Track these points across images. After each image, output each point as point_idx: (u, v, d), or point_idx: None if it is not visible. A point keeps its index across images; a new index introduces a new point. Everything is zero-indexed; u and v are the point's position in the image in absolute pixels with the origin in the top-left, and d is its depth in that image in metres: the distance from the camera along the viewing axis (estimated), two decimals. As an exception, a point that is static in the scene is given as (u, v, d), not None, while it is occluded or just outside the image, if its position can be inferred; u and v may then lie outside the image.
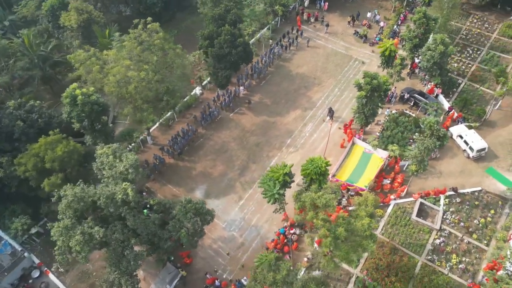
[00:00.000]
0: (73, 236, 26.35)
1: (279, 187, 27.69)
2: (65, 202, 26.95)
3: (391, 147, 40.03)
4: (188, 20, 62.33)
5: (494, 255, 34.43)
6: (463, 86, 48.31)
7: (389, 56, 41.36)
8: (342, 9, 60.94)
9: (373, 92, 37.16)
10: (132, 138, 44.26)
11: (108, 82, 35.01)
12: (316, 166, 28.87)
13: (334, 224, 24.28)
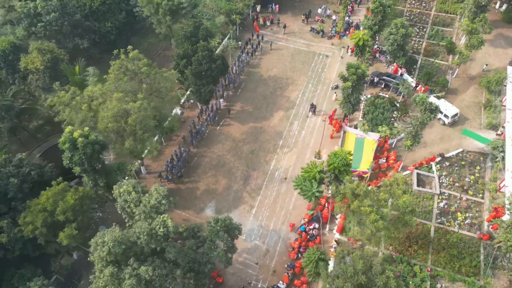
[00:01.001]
0: (122, 281, 25.22)
1: (317, 186, 28.72)
2: (105, 249, 25.66)
3: (381, 128, 42.94)
4: (145, 43, 60.97)
5: (492, 205, 38.55)
6: (421, 62, 52.95)
7: (363, 46, 44.20)
8: (292, 9, 63.43)
9: (359, 81, 39.62)
10: (125, 171, 42.63)
11: (104, 118, 33.57)
12: (341, 158, 30.36)
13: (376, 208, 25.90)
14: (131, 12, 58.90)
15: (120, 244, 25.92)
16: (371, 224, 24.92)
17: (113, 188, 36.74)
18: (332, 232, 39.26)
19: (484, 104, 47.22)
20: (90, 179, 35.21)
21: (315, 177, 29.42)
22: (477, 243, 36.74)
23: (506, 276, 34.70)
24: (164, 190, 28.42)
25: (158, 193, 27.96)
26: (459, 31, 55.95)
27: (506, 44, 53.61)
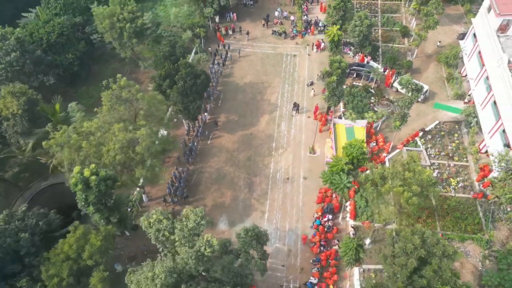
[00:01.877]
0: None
1: (346, 177, 30.09)
2: (158, 281, 24.97)
3: (367, 115, 45.62)
4: (108, 70, 58.83)
5: (477, 166, 42.71)
6: (382, 49, 56.80)
7: (338, 41, 46.61)
8: (249, 16, 64.70)
9: (343, 74, 41.86)
10: (128, 202, 41.21)
11: (110, 151, 32.34)
12: (358, 148, 32.06)
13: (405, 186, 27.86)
14: (89, 40, 56.83)
15: (171, 273, 25.36)
16: (405, 202, 26.86)
17: (125, 223, 35.64)
18: (345, 219, 41.08)
19: (446, 77, 51.91)
20: (102, 217, 33.69)
21: (343, 169, 30.89)
22: (473, 203, 40.47)
23: (505, 226, 38.66)
24: (201, 211, 28.21)
25: (196, 214, 27.69)
26: (407, 15, 60.84)
27: (450, 21, 59.21)
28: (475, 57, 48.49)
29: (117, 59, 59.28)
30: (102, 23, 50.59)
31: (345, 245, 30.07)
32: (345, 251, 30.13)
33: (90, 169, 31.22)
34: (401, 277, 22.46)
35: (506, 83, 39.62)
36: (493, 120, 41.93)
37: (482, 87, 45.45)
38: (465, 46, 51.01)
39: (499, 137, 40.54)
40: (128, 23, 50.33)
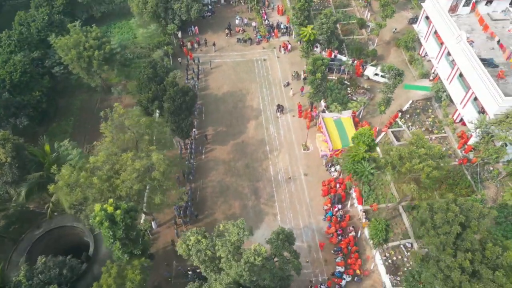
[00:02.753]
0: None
1: (368, 165, 31.75)
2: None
3: (351, 105, 48.16)
4: (76, 102, 56.13)
5: (455, 134, 46.90)
6: (344, 42, 60.00)
7: (314, 40, 48.58)
8: (210, 27, 65.03)
9: (326, 71, 43.91)
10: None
11: (126, 182, 31.31)
12: (368, 136, 33.99)
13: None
14: (50, 74, 53.98)
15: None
16: (426, 177, 29.16)
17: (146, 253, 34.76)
18: (354, 206, 43.11)
19: (409, 60, 56.18)
20: (127, 251, 32.50)
21: (364, 158, 32.58)
22: (460, 168, 44.41)
23: (492, 184, 42.88)
24: (242, 222, 28.38)
25: (238, 227, 27.83)
26: (358, 8, 64.87)
27: (399, 8, 63.69)
28: (431, 38, 53.06)
29: (84, 90, 56.95)
30: (67, 54, 48.44)
31: (374, 227, 31.86)
32: (375, 233, 31.89)
33: (109, 204, 30.14)
34: (448, 244, 24.49)
35: (469, 56, 43.94)
36: (462, 91, 46.27)
37: (445, 64, 49.90)
38: (420, 29, 55.55)
39: (472, 106, 44.85)
40: (96, 50, 48.69)
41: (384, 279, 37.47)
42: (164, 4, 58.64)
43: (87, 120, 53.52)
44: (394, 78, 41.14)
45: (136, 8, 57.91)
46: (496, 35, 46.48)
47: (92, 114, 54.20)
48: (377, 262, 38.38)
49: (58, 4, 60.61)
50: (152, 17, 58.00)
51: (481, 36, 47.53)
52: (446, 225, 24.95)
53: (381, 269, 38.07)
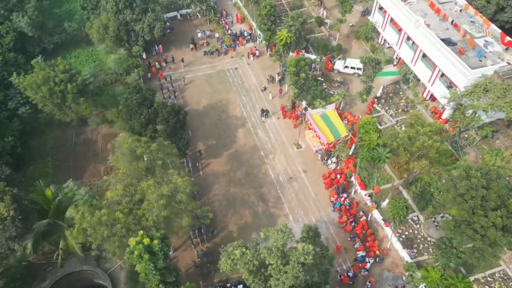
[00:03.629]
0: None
1: (383, 150, 33.73)
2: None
3: (334, 98, 50.58)
4: (50, 141, 52.69)
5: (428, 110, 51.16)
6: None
7: (290, 43, 50.19)
8: (172, 44, 64.35)
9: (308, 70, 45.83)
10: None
11: (153, 209, 30.49)
12: (372, 124, 36.13)
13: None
14: (16, 115, 50.44)
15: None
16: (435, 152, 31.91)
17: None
18: (357, 192, 45.38)
19: (371, 49, 60.09)
20: (164, 280, 31.66)
21: (378, 144, 34.55)
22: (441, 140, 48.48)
23: (470, 149, 47.45)
24: (285, 227, 28.95)
25: (283, 231, 28.41)
26: (312, 7, 68.03)
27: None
28: (389, 27, 57.30)
29: (54, 127, 53.83)
30: (37, 92, 45.69)
31: (394, 207, 34.07)
32: (397, 212, 34.10)
33: (140, 236, 29.31)
34: (476, 207, 27.11)
35: (430, 38, 48.24)
36: (428, 71, 50.60)
37: (406, 48, 54.20)
38: (376, 20, 59.69)
39: (440, 82, 49.24)
40: (68, 83, 46.45)
41: (402, 254, 39.97)
42: (125, 27, 57.31)
43: (66, 158, 50.73)
44: (374, 68, 44.02)
45: (97, 34, 55.89)
46: (448, 17, 51.44)
47: (70, 151, 51.55)
48: (392, 240, 40.78)
49: (7, 41, 56.67)
50: (115, 41, 56.33)
51: (435, 19, 52.30)
52: (471, 191, 27.65)
53: (397, 245, 40.56)
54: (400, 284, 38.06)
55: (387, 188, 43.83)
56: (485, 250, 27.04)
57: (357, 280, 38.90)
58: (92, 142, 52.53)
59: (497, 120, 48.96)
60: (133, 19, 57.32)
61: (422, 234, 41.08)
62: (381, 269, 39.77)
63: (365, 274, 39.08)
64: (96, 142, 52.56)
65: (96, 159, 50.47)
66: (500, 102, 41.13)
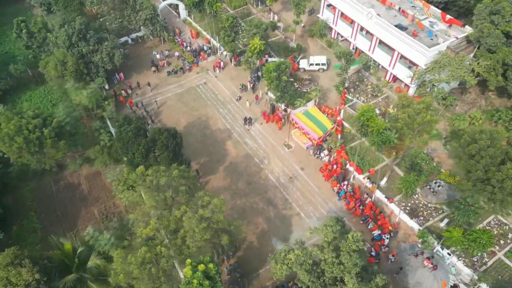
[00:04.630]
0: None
1: (391, 133, 36.41)
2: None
3: (312, 95, 53.10)
4: (26, 193, 48.34)
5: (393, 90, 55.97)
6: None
7: (260, 51, 51.51)
8: (132, 69, 62.29)
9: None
10: None
11: (195, 235, 29.99)
12: (370, 111, 38.86)
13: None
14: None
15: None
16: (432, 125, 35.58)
17: None
18: (355, 178, 48.23)
19: (327, 45, 63.84)
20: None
21: (386, 127, 37.15)
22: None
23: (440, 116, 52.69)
24: (332, 220, 30.21)
25: (330, 225, 29.68)
26: (261, 13, 70.37)
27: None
28: (340, 22, 61.41)
29: (29, 178, 49.71)
30: (12, 144, 42.10)
31: (405, 181, 37.17)
32: (409, 186, 37.20)
33: (189, 263, 28.88)
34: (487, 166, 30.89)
35: (385, 26, 52.88)
36: (387, 56, 55.31)
37: (362, 38, 58.61)
38: (326, 17, 63.54)
39: (400, 64, 54.09)
40: (43, 128, 43.41)
41: (411, 224, 43.47)
42: (83, 59, 54.58)
43: (51, 209, 47.24)
44: (347, 61, 47.25)
45: (54, 72, 52.40)
46: (395, 5, 56.72)
47: (52, 200, 48.11)
48: (398, 214, 44.12)
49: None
50: (75, 76, 53.33)
51: (382, 8, 57.31)
52: (481, 151, 31.44)
53: (405, 217, 43.98)
54: (418, 251, 41.37)
55: (380, 168, 47.29)
56: (505, 200, 30.98)
57: (380, 257, 41.51)
58: (76, 186, 49.37)
59: (452, 90, 55.19)
60: (90, 51, 54.82)
61: (422, 202, 45.02)
62: (397, 242, 42.87)
63: (386, 250, 41.83)
64: (80, 185, 49.47)
65: (85, 203, 47.62)
66: (460, 72, 46.54)
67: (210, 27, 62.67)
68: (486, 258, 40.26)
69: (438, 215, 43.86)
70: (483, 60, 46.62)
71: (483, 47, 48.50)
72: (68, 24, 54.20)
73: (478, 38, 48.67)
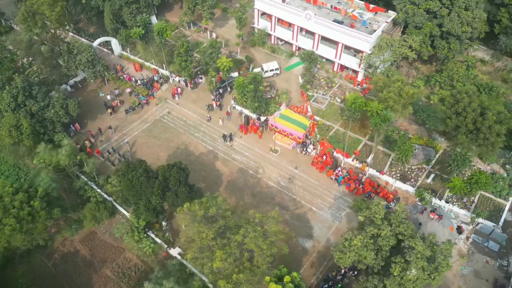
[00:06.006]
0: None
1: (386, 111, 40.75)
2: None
3: (280, 99, 56.00)
4: (17, 278, 42.56)
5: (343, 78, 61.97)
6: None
7: (230, 68, 52.53)
8: (84, 117, 58.09)
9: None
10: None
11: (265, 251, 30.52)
12: (359, 98, 43.02)
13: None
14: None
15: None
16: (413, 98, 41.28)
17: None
18: (345, 162, 52.45)
19: (271, 51, 67.44)
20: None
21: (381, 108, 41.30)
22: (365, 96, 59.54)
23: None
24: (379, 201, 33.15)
25: (380, 204, 32.69)
26: (196, 34, 71.23)
27: (227, 19, 73.76)
28: (279, 27, 65.50)
29: (15, 261, 43.85)
30: (2, 229, 37.15)
31: (402, 150, 42.33)
32: (405, 153, 42.40)
33: (268, 280, 29.62)
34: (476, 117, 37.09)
35: (325, 24, 58.33)
36: (332, 49, 60.90)
37: (304, 39, 63.44)
38: (263, 26, 67.10)
39: (346, 54, 60.04)
40: (30, 201, 39.07)
41: (406, 188, 49.13)
42: (34, 118, 49.67)
43: (57, 286, 42.40)
44: (310, 61, 51.31)
45: (9, 139, 46.75)
46: (326, 4, 62.68)
47: (53, 278, 43.46)
48: (390, 180, 49.49)
49: None
50: (33, 138, 48.26)
51: (314, 8, 62.86)
52: (467, 108, 37.83)
53: (399, 184, 49.45)
54: (421, 208, 47.01)
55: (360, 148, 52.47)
56: (496, 141, 37.44)
57: (394, 223, 46.17)
58: (73, 253, 45.16)
59: (389, 67, 63.03)
60: (41, 107, 50.14)
61: (407, 167, 51.10)
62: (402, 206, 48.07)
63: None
64: (77, 251, 45.38)
65: (93, 267, 44.00)
66: (402, 50, 53.84)
67: (158, 55, 61.55)
68: (472, 197, 47.63)
69: (423, 173, 50.31)
70: (415, 36, 54.58)
71: (411, 25, 56.72)
72: (9, 84, 48.76)
73: (405, 18, 56.79)
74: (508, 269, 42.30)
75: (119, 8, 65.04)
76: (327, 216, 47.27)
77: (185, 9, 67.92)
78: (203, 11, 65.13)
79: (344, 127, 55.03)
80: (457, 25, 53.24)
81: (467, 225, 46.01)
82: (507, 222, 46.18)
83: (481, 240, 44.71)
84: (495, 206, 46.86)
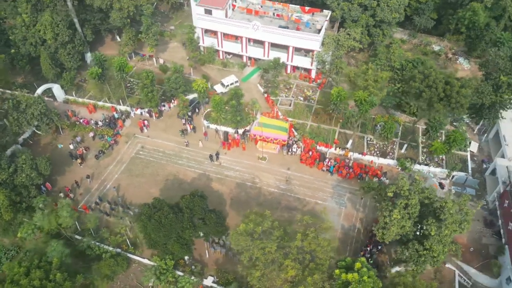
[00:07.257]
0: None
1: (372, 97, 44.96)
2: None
3: (255, 108, 57.78)
4: None
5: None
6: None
7: (206, 88, 52.41)
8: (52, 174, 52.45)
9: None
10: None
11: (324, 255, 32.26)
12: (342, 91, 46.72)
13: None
14: None
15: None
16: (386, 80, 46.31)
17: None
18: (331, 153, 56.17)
19: (223, 66, 68.55)
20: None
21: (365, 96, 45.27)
22: (323, 90, 64.37)
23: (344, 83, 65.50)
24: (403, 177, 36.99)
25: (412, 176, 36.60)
26: (140, 64, 69.21)
27: (165, 43, 72.81)
28: (226, 42, 67.03)
29: None
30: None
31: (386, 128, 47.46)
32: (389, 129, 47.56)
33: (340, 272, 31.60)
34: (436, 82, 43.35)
35: (273, 31, 61.68)
36: (283, 54, 64.30)
37: (253, 48, 66.00)
38: (211, 43, 67.82)
39: (298, 56, 64.09)
40: (50, 274, 35.34)
41: (387, 162, 54.70)
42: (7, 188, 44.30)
43: None
44: (275, 68, 54.24)
45: (-15, 217, 40.97)
46: (268, 12, 65.98)
47: None
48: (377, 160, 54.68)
49: None
50: (12, 210, 42.99)
51: (257, 18, 65.79)
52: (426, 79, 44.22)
53: (381, 160, 54.78)
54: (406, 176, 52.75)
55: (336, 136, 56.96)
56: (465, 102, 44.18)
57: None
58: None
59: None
60: (9, 174, 44.89)
61: (381, 144, 56.74)
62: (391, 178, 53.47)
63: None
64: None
65: None
66: (350, 43, 59.55)
67: (115, 92, 58.59)
68: (441, 156, 54.89)
69: (396, 146, 56.43)
70: (356, 28, 60.83)
71: (348, 20, 63.01)
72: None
73: (342, 14, 62.89)
74: (489, 206, 50.02)
75: (55, 51, 60.37)
76: (333, 205, 50.41)
77: (126, 39, 65.58)
78: (147, 39, 63.66)
79: (316, 122, 58.89)
80: (388, 13, 60.75)
81: (445, 180, 53.03)
82: (473, 169, 54.39)
83: (460, 189, 51.97)
84: (460, 158, 54.76)
